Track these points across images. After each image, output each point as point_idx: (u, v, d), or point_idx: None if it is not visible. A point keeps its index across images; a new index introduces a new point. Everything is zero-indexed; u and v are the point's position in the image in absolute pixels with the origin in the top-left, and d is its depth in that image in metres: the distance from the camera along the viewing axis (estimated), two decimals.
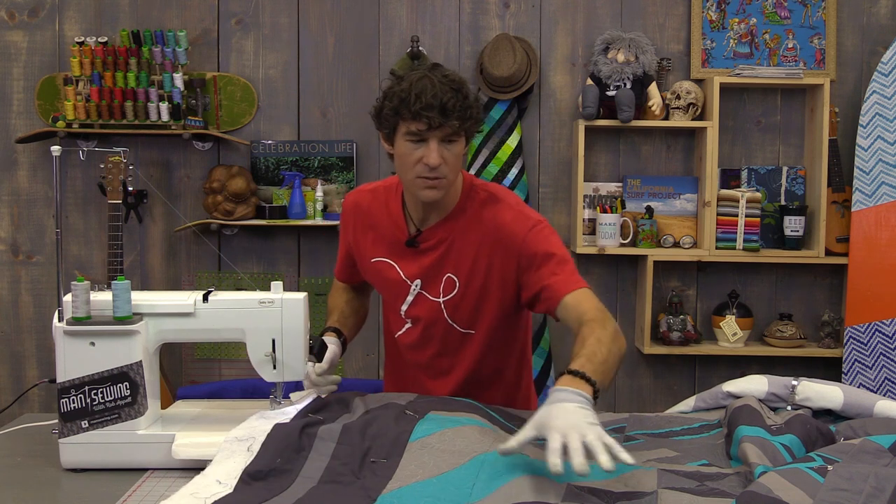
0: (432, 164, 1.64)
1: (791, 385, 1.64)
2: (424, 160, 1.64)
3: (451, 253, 1.77)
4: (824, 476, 1.15)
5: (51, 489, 1.43)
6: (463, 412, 1.45)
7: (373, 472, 1.29)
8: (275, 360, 1.60)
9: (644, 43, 3.19)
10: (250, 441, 1.40)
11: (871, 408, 1.57)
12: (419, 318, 1.83)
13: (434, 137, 1.64)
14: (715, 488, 1.22)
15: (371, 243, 1.86)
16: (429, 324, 1.82)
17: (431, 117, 1.60)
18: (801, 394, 1.63)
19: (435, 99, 1.60)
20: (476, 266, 1.76)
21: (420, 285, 1.80)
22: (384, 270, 1.84)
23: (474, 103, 1.67)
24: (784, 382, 1.65)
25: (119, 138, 3.25)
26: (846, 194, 3.24)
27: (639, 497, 1.20)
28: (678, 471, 1.30)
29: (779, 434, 1.40)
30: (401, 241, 1.81)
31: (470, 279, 1.76)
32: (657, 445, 1.47)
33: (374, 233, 1.86)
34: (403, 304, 1.83)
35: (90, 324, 1.51)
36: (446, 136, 1.64)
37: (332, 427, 1.40)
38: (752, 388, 1.65)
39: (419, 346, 1.86)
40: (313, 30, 3.34)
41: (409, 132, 1.64)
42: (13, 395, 3.26)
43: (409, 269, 1.81)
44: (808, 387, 1.63)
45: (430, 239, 1.79)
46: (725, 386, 1.70)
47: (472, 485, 1.21)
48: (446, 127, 1.63)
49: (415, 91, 1.61)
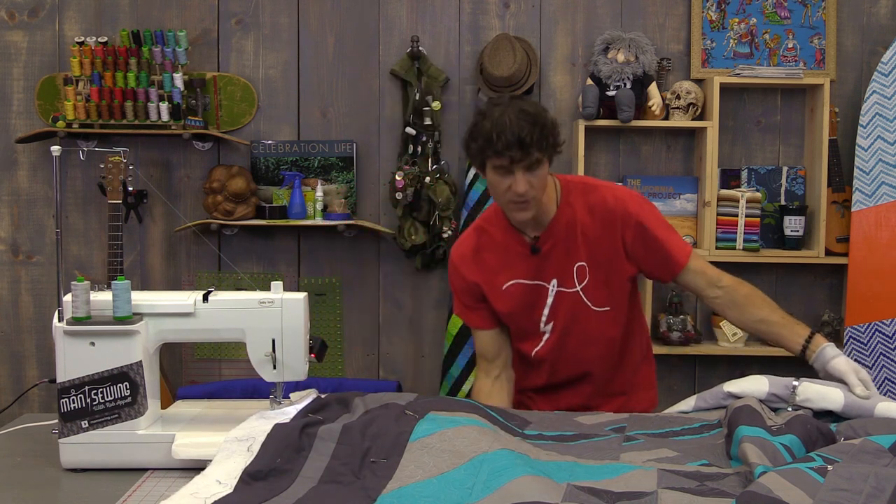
0: (520, 193, 1.81)
1: (792, 385, 1.63)
2: (513, 189, 1.82)
3: (573, 243, 1.94)
4: (824, 476, 1.15)
5: (51, 489, 1.43)
6: (463, 412, 1.45)
7: (373, 472, 1.29)
8: (275, 360, 1.60)
9: (644, 43, 3.19)
10: (250, 441, 1.40)
11: (872, 409, 1.57)
12: (560, 315, 1.97)
13: (519, 168, 1.80)
14: (715, 488, 1.22)
15: (497, 273, 1.99)
16: (568, 315, 1.97)
17: (513, 154, 1.77)
18: (802, 394, 1.62)
19: (513, 136, 1.76)
20: (599, 247, 1.95)
21: (557, 283, 1.96)
22: (517, 292, 1.97)
23: (551, 130, 1.83)
24: (785, 383, 1.64)
25: (119, 138, 3.25)
26: (846, 194, 3.24)
27: (639, 497, 1.20)
28: (678, 471, 1.30)
29: (779, 434, 1.40)
30: (525, 254, 1.96)
31: (597, 261, 1.95)
32: (657, 445, 1.47)
33: (496, 262, 1.99)
34: (545, 309, 1.97)
35: (90, 324, 1.51)
36: (530, 165, 1.80)
37: (332, 427, 1.40)
38: (753, 389, 1.65)
39: (558, 347, 1.99)
40: (313, 30, 3.34)
41: (495, 167, 1.82)
42: (13, 395, 3.26)
43: (541, 274, 1.97)
44: (809, 387, 1.63)
45: (550, 240, 1.95)
46: (726, 386, 1.70)
47: (471, 485, 1.21)
48: (528, 159, 1.79)
49: (496, 131, 1.77)
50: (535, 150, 1.78)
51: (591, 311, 1.97)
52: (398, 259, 3.36)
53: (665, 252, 1.95)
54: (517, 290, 1.97)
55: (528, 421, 1.59)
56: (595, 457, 1.39)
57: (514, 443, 1.38)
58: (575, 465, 1.34)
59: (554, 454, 1.39)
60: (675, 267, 1.95)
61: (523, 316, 1.99)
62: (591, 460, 1.37)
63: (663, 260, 1.96)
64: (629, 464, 1.35)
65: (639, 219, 1.93)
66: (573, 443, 1.48)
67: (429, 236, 3.23)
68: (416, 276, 3.38)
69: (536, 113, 1.81)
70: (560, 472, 1.30)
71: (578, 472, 1.30)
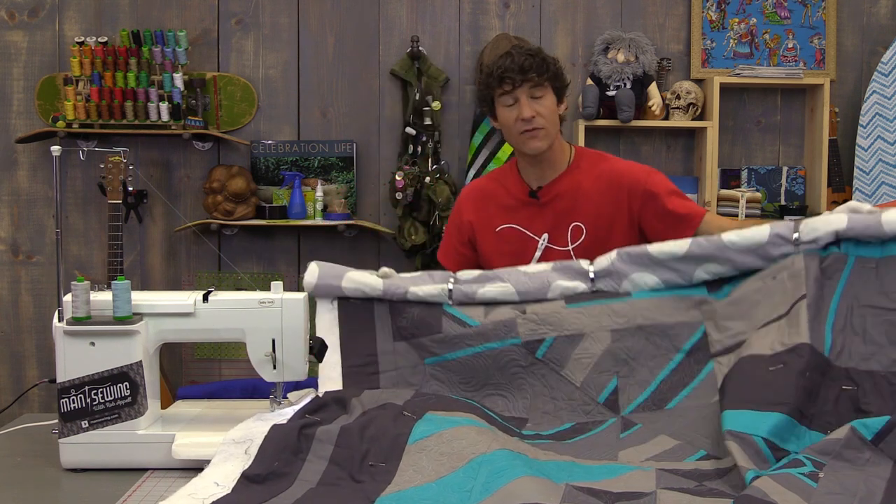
0: (526, 117, 1.94)
1: (794, 223, 1.48)
2: (519, 116, 1.94)
3: (575, 203, 2.00)
4: (816, 481, 1.16)
5: (51, 489, 1.43)
6: (461, 412, 1.45)
7: (371, 475, 1.28)
8: (275, 360, 1.60)
9: (644, 43, 3.19)
10: (247, 444, 1.40)
11: (879, 221, 1.42)
12: None
13: (522, 94, 1.94)
14: (714, 488, 1.22)
15: (493, 215, 2.06)
16: None
17: (513, 77, 1.92)
18: (806, 227, 1.46)
19: (513, 63, 1.93)
20: (600, 212, 1.99)
21: (548, 239, 2.00)
22: (508, 236, 2.03)
23: (552, 62, 1.98)
24: (787, 224, 1.50)
25: (119, 138, 3.25)
26: (846, 194, 3.24)
27: (637, 497, 1.20)
28: (677, 470, 1.30)
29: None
30: (523, 200, 2.03)
31: (596, 224, 1.98)
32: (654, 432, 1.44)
33: (495, 205, 2.06)
34: (532, 262, 1.98)
35: (90, 324, 1.51)
36: (532, 90, 1.94)
37: (330, 429, 1.40)
38: (754, 234, 1.49)
39: None
40: (313, 30, 3.34)
41: (500, 97, 1.96)
42: (13, 395, 3.26)
43: (534, 226, 2.02)
44: (811, 220, 1.48)
45: (551, 192, 2.01)
46: (726, 236, 1.52)
47: (470, 488, 1.21)
48: (528, 81, 1.93)
49: (496, 64, 1.96)
50: (533, 73, 1.92)
51: None
52: (398, 259, 3.36)
53: (676, 215, 1.97)
54: (510, 235, 2.03)
55: (524, 420, 1.58)
56: (593, 456, 1.39)
57: (512, 442, 1.38)
58: (573, 465, 1.33)
59: (552, 454, 1.39)
60: (689, 228, 1.94)
61: (511, 262, 1.92)
62: (589, 460, 1.37)
63: (676, 222, 1.96)
64: (627, 464, 1.35)
65: (647, 187, 1.99)
66: (570, 441, 1.47)
67: (429, 236, 3.23)
68: None
69: (535, 49, 1.99)
70: (559, 471, 1.30)
71: (577, 473, 1.30)
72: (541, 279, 1.59)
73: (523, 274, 1.61)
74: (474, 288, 1.60)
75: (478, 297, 1.60)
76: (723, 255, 1.51)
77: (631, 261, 1.57)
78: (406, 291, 1.61)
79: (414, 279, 1.63)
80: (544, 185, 2.03)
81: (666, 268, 1.55)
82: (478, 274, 1.63)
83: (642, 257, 1.56)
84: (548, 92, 1.97)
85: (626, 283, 1.57)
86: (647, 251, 1.55)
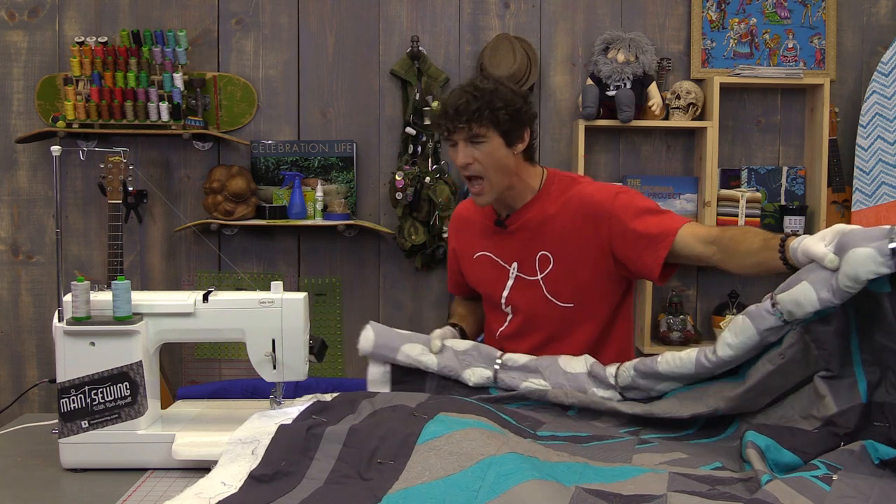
0: (459, 164, 1.83)
1: (771, 306, 1.39)
2: (456, 163, 1.85)
3: (541, 231, 1.91)
4: (829, 484, 1.15)
5: (51, 489, 1.43)
6: (473, 415, 1.45)
7: (379, 472, 1.28)
8: (275, 360, 1.60)
9: (644, 43, 3.19)
10: (254, 444, 1.40)
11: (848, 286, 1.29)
12: (520, 303, 1.95)
13: (459, 138, 1.82)
14: (726, 492, 1.21)
15: (471, 242, 2.04)
16: (530, 306, 1.93)
17: (448, 125, 1.81)
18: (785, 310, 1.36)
19: (449, 106, 1.80)
20: (567, 240, 1.89)
21: (517, 267, 1.94)
22: (484, 263, 2.00)
23: (500, 106, 1.78)
24: (765, 309, 1.40)
25: (119, 138, 3.25)
26: (846, 194, 3.24)
27: (648, 500, 1.19)
28: (690, 474, 1.29)
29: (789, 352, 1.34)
30: (493, 228, 1.97)
31: (563, 253, 1.89)
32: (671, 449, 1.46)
33: (473, 230, 2.04)
34: (504, 291, 1.96)
35: (90, 324, 1.51)
36: (471, 135, 1.81)
37: (338, 428, 1.40)
38: (743, 340, 1.41)
39: (522, 334, 1.95)
40: (313, 30, 3.34)
41: (444, 139, 1.87)
42: (13, 395, 3.26)
43: (504, 254, 1.96)
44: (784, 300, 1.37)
45: (517, 221, 1.94)
46: (721, 350, 1.45)
47: (478, 487, 1.21)
48: (461, 130, 1.80)
49: (441, 104, 1.83)
50: (470, 122, 1.78)
51: (556, 305, 1.91)
52: (398, 259, 3.36)
53: (646, 237, 1.79)
54: (485, 262, 2.01)
55: (541, 422, 1.58)
56: (607, 458, 1.39)
57: (523, 445, 1.38)
58: (586, 467, 1.33)
59: (565, 455, 1.39)
60: (662, 248, 1.77)
61: (489, 289, 2.02)
62: (602, 462, 1.36)
63: (647, 244, 1.79)
64: (641, 466, 1.34)
65: (612, 211, 1.83)
66: (586, 444, 1.47)
67: (429, 236, 3.23)
68: (416, 276, 3.38)
69: (487, 88, 1.79)
70: (570, 473, 1.29)
71: (588, 474, 1.30)
72: (578, 382, 1.63)
73: (563, 374, 1.65)
74: (517, 381, 1.66)
75: (520, 389, 1.65)
76: (726, 366, 1.46)
77: (647, 376, 1.57)
78: (459, 375, 1.69)
79: (465, 358, 1.70)
80: (512, 212, 1.95)
81: (675, 379, 1.55)
82: (523, 362, 1.68)
83: (655, 374, 1.56)
84: (491, 137, 1.80)
85: (654, 392, 1.59)
86: (657, 369, 1.55)
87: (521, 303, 1.95)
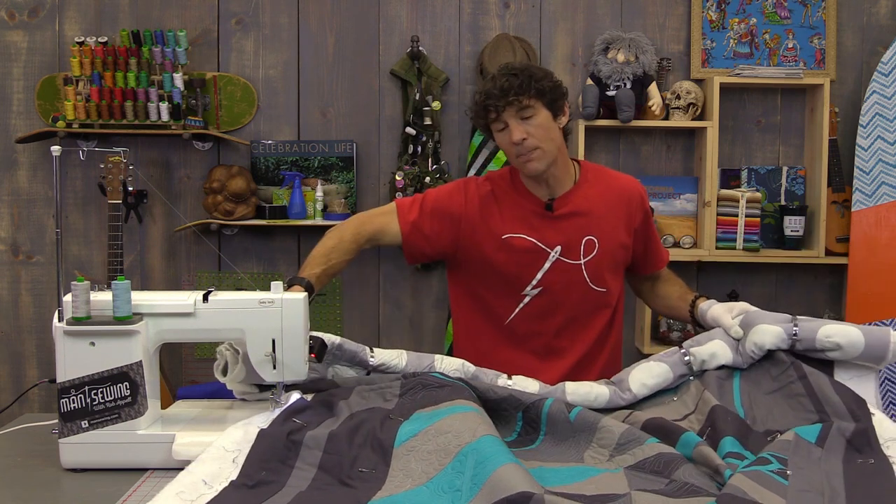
0: (516, 140, 1.88)
1: (683, 357, 1.66)
2: (511, 140, 1.89)
3: (590, 217, 1.99)
4: (785, 478, 1.20)
5: (51, 489, 1.43)
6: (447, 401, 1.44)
7: (361, 480, 1.29)
8: (275, 360, 1.60)
9: (644, 43, 3.19)
10: (236, 453, 1.39)
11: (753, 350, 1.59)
12: (554, 286, 1.98)
13: (510, 117, 1.88)
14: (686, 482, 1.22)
15: (499, 220, 1.99)
16: (565, 289, 1.99)
17: (498, 104, 1.87)
18: (696, 360, 1.65)
19: (494, 87, 1.88)
20: (613, 226, 2.00)
21: (560, 251, 1.97)
22: (515, 245, 1.98)
23: (538, 76, 1.89)
24: (677, 359, 1.66)
25: (119, 138, 3.25)
26: (846, 194, 3.24)
27: (613, 500, 1.20)
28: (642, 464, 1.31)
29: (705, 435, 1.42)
30: (536, 212, 1.98)
31: (608, 238, 1.99)
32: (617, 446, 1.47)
33: (503, 210, 2.00)
34: (539, 272, 1.97)
35: (90, 324, 1.50)
36: (520, 111, 1.88)
37: (318, 434, 1.39)
38: (660, 381, 1.64)
39: (545, 315, 1.98)
40: (313, 30, 3.34)
41: (492, 124, 1.93)
42: (13, 395, 3.26)
43: (546, 238, 1.98)
44: (697, 352, 1.65)
45: (564, 206, 1.99)
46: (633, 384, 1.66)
47: (460, 485, 1.21)
48: (512, 104, 1.86)
49: (481, 91, 1.92)
50: (519, 95, 1.86)
51: (591, 289, 2.00)
52: (398, 259, 3.36)
53: (655, 249, 2.12)
54: (518, 244, 1.97)
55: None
56: (560, 459, 1.40)
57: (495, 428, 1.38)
58: (542, 470, 1.34)
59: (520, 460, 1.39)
60: (656, 268, 2.14)
61: (512, 272, 1.98)
62: (556, 462, 1.38)
63: (653, 254, 2.12)
64: (594, 466, 1.37)
65: (645, 206, 2.07)
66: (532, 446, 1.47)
67: None
68: (416, 276, 3.38)
69: (522, 67, 1.91)
70: None
71: (547, 477, 1.31)
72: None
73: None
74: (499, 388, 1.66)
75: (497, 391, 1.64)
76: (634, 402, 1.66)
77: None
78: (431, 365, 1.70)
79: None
80: (556, 197, 1.99)
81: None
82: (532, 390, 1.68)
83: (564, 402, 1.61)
84: (539, 109, 1.89)
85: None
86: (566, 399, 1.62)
87: (556, 286, 1.98)
